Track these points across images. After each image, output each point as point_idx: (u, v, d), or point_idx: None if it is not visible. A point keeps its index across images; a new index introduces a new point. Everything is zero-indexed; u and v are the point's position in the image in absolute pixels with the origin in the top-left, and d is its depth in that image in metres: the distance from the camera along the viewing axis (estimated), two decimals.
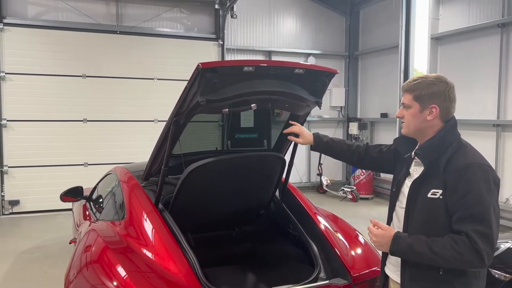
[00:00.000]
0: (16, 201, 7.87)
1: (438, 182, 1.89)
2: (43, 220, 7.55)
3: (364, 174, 9.69)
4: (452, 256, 1.77)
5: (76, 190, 4.18)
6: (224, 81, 2.39)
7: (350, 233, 3.10)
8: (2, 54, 7.71)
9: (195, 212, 3.07)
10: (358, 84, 10.71)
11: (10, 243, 6.21)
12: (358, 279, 2.56)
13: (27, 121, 7.91)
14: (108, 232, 2.89)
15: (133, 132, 8.57)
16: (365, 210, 8.54)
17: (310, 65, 2.73)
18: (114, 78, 8.44)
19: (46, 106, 8.01)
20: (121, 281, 2.28)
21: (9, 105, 7.80)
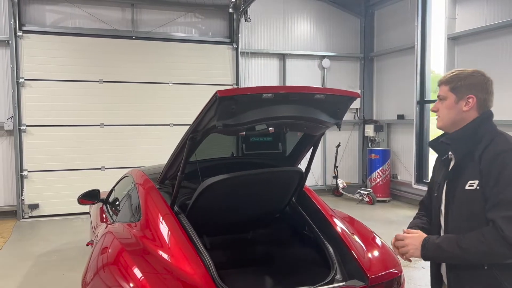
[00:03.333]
0: (36, 205, 8.01)
1: (474, 173, 1.81)
2: (61, 223, 7.66)
3: (381, 176, 9.58)
4: (481, 251, 1.69)
5: (93, 193, 4.22)
6: (242, 107, 2.37)
7: (366, 235, 3.06)
8: (21, 61, 7.88)
9: (211, 218, 3.07)
10: (373, 86, 10.62)
11: (29, 246, 6.31)
12: (375, 281, 2.52)
13: (45, 126, 8.06)
14: (124, 234, 2.90)
15: (149, 136, 8.65)
16: (382, 213, 8.43)
17: (331, 89, 2.63)
18: (130, 83, 8.54)
19: (64, 111, 8.15)
20: (137, 282, 2.29)
21: (28, 111, 7.95)
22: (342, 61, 10.43)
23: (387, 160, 9.65)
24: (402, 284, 2.71)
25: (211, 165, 3.11)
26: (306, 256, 3.05)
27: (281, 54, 9.85)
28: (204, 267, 2.40)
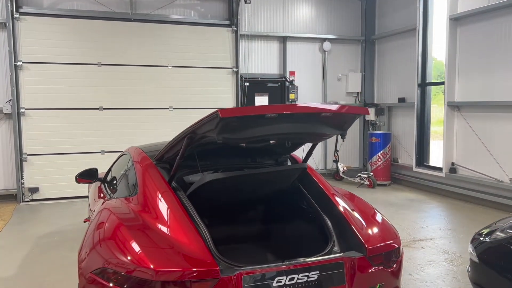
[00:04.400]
0: (36, 189, 8.01)
1: None
2: (62, 206, 7.67)
3: (381, 160, 9.55)
4: None
5: (91, 172, 4.21)
6: (244, 125, 2.33)
7: (366, 210, 3.03)
8: (19, 43, 7.81)
9: (209, 203, 3.06)
10: (374, 69, 10.52)
11: (30, 229, 6.32)
12: (373, 252, 2.50)
13: (44, 110, 8.02)
14: (120, 208, 2.88)
15: (149, 120, 8.61)
16: (383, 196, 8.42)
17: (339, 107, 2.49)
18: (129, 66, 8.47)
19: (62, 94, 8.10)
20: (134, 255, 2.27)
21: (27, 94, 7.90)
22: (343, 44, 10.32)
23: (387, 143, 9.60)
24: (401, 257, 2.70)
25: (209, 148, 3.08)
26: (304, 230, 3.04)
27: (282, 36, 9.75)
28: (202, 239, 2.39)
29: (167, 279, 2.14)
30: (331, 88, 10.29)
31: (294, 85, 9.77)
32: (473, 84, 7.64)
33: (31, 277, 4.54)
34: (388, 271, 2.57)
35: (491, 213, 6.93)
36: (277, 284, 2.28)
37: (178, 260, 2.23)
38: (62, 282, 4.37)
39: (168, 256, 2.27)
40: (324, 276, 2.37)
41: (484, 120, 7.49)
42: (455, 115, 8.07)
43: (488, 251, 3.64)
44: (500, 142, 7.16)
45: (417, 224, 6.49)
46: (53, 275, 4.56)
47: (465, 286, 4.25)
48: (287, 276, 2.30)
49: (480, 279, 3.70)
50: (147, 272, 2.15)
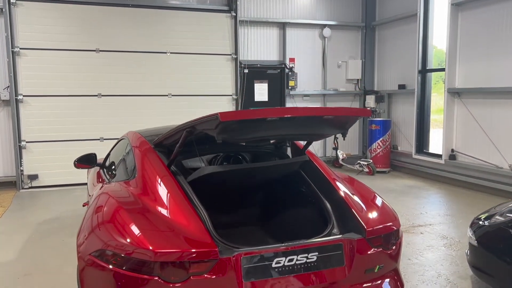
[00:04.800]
0: (35, 176, 8.00)
1: None
2: (61, 193, 7.67)
3: (381, 147, 9.53)
4: None
5: (89, 157, 4.19)
6: (244, 127, 2.33)
7: (366, 193, 3.02)
8: (16, 29, 7.73)
9: (208, 188, 3.06)
10: (375, 56, 10.45)
11: (29, 215, 6.33)
12: (372, 234, 2.50)
13: (42, 96, 7.97)
14: (118, 190, 2.88)
15: (148, 107, 8.57)
16: (382, 183, 8.42)
17: (341, 110, 2.44)
18: (127, 52, 8.40)
19: (60, 81, 8.05)
20: (133, 236, 2.26)
21: (24, 80, 7.85)
22: (343, 30, 10.24)
23: (387, 130, 9.58)
24: (400, 239, 2.69)
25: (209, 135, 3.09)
26: (304, 214, 3.04)
27: (281, 22, 9.66)
28: (201, 221, 2.38)
29: (166, 260, 2.14)
30: (331, 75, 10.23)
31: (293, 72, 9.71)
32: (473, 70, 7.60)
33: (31, 262, 4.55)
34: (387, 253, 2.57)
35: (490, 199, 6.93)
36: (276, 265, 2.28)
37: (177, 241, 2.23)
38: (62, 267, 4.38)
39: (167, 238, 2.27)
40: (323, 257, 2.37)
41: (484, 106, 7.46)
42: (456, 102, 8.04)
43: (487, 235, 3.65)
44: (500, 129, 7.14)
45: (416, 210, 6.51)
46: (53, 260, 4.58)
47: (463, 270, 4.26)
48: (286, 257, 2.30)
49: (478, 262, 3.71)
50: (146, 253, 2.15)
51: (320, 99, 10.22)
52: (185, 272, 2.15)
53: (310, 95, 10.08)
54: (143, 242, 2.20)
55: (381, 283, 2.57)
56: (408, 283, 3.98)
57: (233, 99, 9.22)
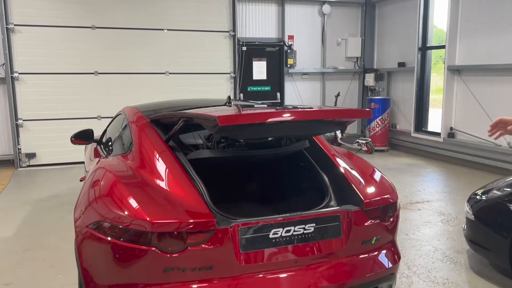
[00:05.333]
0: (33, 154, 7.98)
1: None
2: (59, 172, 7.67)
3: (379, 125, 9.51)
4: None
5: (86, 133, 4.16)
6: (243, 127, 2.31)
7: (364, 167, 3.01)
8: (10, 5, 7.59)
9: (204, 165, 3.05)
10: (375, 33, 10.32)
11: (28, 193, 6.34)
12: (370, 206, 2.50)
13: (38, 74, 7.89)
14: (115, 164, 2.86)
15: (145, 85, 8.49)
16: (381, 162, 8.43)
17: (341, 112, 2.44)
18: (124, 29, 8.28)
19: (56, 58, 7.95)
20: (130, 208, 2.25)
21: (20, 58, 7.76)
22: (343, 7, 10.08)
23: (386, 109, 9.54)
24: (397, 211, 2.70)
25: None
26: (302, 187, 3.03)
27: None
28: (198, 193, 2.37)
29: (163, 231, 2.13)
30: (330, 52, 10.12)
31: (292, 49, 9.60)
32: (474, 47, 7.51)
33: (30, 237, 4.57)
34: (384, 225, 2.58)
35: (489, 177, 6.95)
36: (273, 236, 2.28)
37: (174, 212, 2.22)
38: (61, 242, 4.41)
39: (164, 209, 2.26)
40: (320, 228, 2.38)
41: (484, 84, 7.40)
42: (455, 79, 7.98)
43: (484, 209, 3.66)
44: (500, 106, 7.10)
45: (414, 187, 6.53)
46: (52, 236, 4.60)
47: (460, 245, 4.30)
48: (283, 228, 2.30)
49: (475, 236, 3.74)
50: (143, 224, 2.14)
51: (319, 77, 10.14)
52: (182, 243, 2.15)
53: (309, 74, 9.99)
54: (140, 213, 2.19)
55: (378, 254, 2.58)
56: (405, 257, 4.02)
57: (231, 77, 9.13)
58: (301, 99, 9.95)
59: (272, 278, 2.28)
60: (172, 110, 3.79)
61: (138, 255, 2.15)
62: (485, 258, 3.79)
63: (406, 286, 3.49)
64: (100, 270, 2.32)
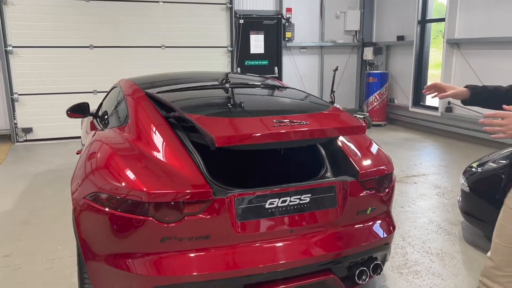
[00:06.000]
0: (29, 129, 7.95)
1: None
2: (56, 146, 7.66)
3: (377, 100, 9.48)
4: None
5: (82, 106, 4.13)
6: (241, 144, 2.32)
7: (361, 139, 3.00)
8: None
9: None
10: (374, 6, 10.15)
11: (25, 167, 6.34)
12: (365, 176, 2.51)
13: (33, 47, 7.77)
14: (111, 136, 2.85)
15: (141, 59, 8.39)
16: (378, 136, 8.44)
17: (338, 130, 2.46)
18: (119, 1, 8.11)
19: (51, 31, 7.81)
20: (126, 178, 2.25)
21: (13, 31, 7.62)
22: None
23: (384, 83, 9.49)
24: (393, 182, 2.71)
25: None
26: (298, 159, 3.04)
27: None
28: (195, 164, 2.37)
29: (160, 201, 2.14)
30: (328, 26, 9.97)
31: (290, 22, 9.46)
32: (474, 20, 7.41)
33: (29, 210, 4.61)
34: (380, 195, 2.59)
35: (485, 150, 6.97)
36: (269, 206, 2.30)
37: (171, 183, 2.23)
38: (60, 215, 4.44)
39: (161, 179, 2.27)
40: (316, 199, 2.39)
41: (483, 57, 7.34)
42: (454, 53, 7.91)
43: (479, 181, 3.69)
44: (498, 80, 7.05)
45: (411, 161, 6.56)
46: (50, 209, 4.63)
47: (454, 217, 4.35)
48: (279, 198, 2.31)
49: (470, 208, 3.78)
50: (140, 194, 2.15)
51: (318, 51, 10.03)
52: (179, 213, 2.17)
53: (307, 47, 9.88)
54: (137, 184, 2.20)
55: (373, 225, 2.61)
56: (400, 229, 4.07)
57: (228, 51, 9.02)
58: (299, 73, 9.87)
59: (268, 247, 2.31)
60: (168, 83, 3.76)
61: (136, 225, 2.17)
62: (479, 229, 3.85)
63: (400, 257, 3.55)
64: (98, 241, 2.35)
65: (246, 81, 3.72)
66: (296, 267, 2.33)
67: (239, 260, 2.25)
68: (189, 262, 2.21)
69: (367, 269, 2.54)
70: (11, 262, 3.47)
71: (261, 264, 2.26)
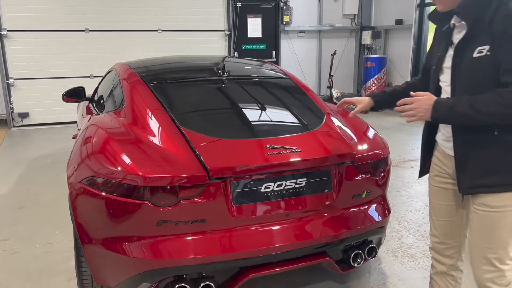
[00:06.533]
0: (25, 114, 7.91)
1: (484, 38, 1.67)
2: (53, 131, 7.64)
3: (376, 84, 9.45)
4: (497, 111, 1.62)
5: (78, 90, 4.11)
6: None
7: (358, 124, 3.01)
8: None
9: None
10: None
11: (22, 152, 6.33)
12: (361, 160, 2.51)
13: (28, 31, 7.68)
14: (106, 120, 2.85)
15: (137, 43, 8.31)
16: (375, 121, 8.43)
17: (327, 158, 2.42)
18: None
19: (45, 15, 7.72)
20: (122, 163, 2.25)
21: (7, 14, 7.53)
22: None
23: (383, 68, 9.45)
24: (389, 166, 2.72)
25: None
26: None
27: None
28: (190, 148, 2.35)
29: (155, 185, 2.15)
30: (327, 9, 9.88)
31: (288, 6, 9.36)
32: None
33: (26, 195, 4.61)
34: (375, 179, 2.60)
35: None
36: (265, 190, 2.31)
37: (167, 167, 2.22)
38: (57, 199, 4.45)
39: (156, 163, 2.26)
40: (312, 182, 2.40)
41: None
42: None
43: None
44: None
45: (408, 146, 6.57)
46: (48, 194, 4.64)
47: None
48: (275, 182, 2.32)
49: None
50: (135, 179, 2.15)
51: (316, 35, 9.95)
52: (175, 197, 2.17)
53: (305, 31, 9.79)
54: (133, 168, 2.20)
55: (368, 208, 2.62)
56: (396, 213, 4.10)
57: (226, 34, 8.94)
58: (297, 57, 9.81)
59: (264, 230, 2.32)
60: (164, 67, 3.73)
61: (132, 209, 2.17)
62: None
63: (396, 240, 3.58)
64: (94, 225, 2.35)
65: (242, 72, 3.64)
66: (292, 250, 2.34)
67: (235, 244, 2.27)
68: (185, 246, 2.22)
69: (362, 252, 2.56)
70: (9, 246, 3.49)
71: (257, 247, 2.27)
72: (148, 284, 2.25)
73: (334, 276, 2.98)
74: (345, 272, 2.68)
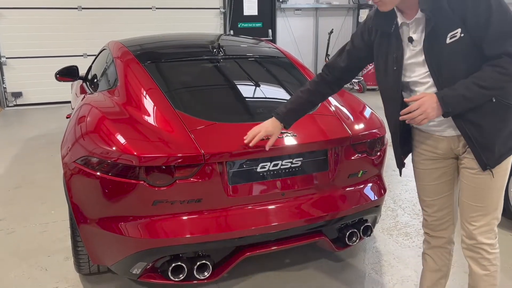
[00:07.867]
0: (19, 93, 7.82)
1: (452, 23, 1.66)
2: (47, 111, 7.57)
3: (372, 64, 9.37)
4: (505, 81, 1.65)
5: (70, 69, 4.06)
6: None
7: (354, 103, 2.98)
8: None
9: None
10: None
11: (16, 132, 6.29)
12: (357, 140, 2.50)
13: (19, 9, 7.53)
14: (100, 99, 2.81)
15: (131, 21, 8.18)
16: (372, 101, 8.34)
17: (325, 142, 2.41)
18: None
19: None
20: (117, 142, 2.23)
21: None
22: None
23: None
24: (385, 146, 2.71)
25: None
26: None
27: None
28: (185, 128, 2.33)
29: (150, 165, 2.13)
30: None
31: None
32: None
33: (22, 175, 4.59)
34: (371, 159, 2.60)
35: None
36: (261, 170, 2.30)
37: (162, 146, 2.21)
38: (52, 179, 4.43)
39: (151, 143, 2.25)
40: (308, 162, 2.39)
41: None
42: None
43: None
44: None
45: None
46: (43, 174, 4.62)
47: None
48: (271, 162, 2.31)
49: None
50: (130, 158, 2.14)
51: (313, 13, 9.81)
52: (170, 177, 2.16)
53: (302, 9, 9.65)
54: (127, 148, 2.18)
55: (364, 188, 2.63)
56: (391, 192, 4.12)
57: (221, 12, 8.80)
58: (293, 36, 9.70)
59: (259, 209, 2.32)
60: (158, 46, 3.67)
61: (127, 189, 2.16)
62: None
63: (391, 219, 3.61)
64: (89, 205, 2.35)
65: (238, 50, 3.58)
66: (288, 229, 2.35)
67: (231, 223, 2.27)
68: (181, 225, 2.22)
69: (357, 231, 2.58)
70: (5, 226, 3.49)
71: (253, 226, 2.28)
72: (145, 263, 2.26)
73: (329, 254, 3.00)
74: (340, 251, 2.70)
